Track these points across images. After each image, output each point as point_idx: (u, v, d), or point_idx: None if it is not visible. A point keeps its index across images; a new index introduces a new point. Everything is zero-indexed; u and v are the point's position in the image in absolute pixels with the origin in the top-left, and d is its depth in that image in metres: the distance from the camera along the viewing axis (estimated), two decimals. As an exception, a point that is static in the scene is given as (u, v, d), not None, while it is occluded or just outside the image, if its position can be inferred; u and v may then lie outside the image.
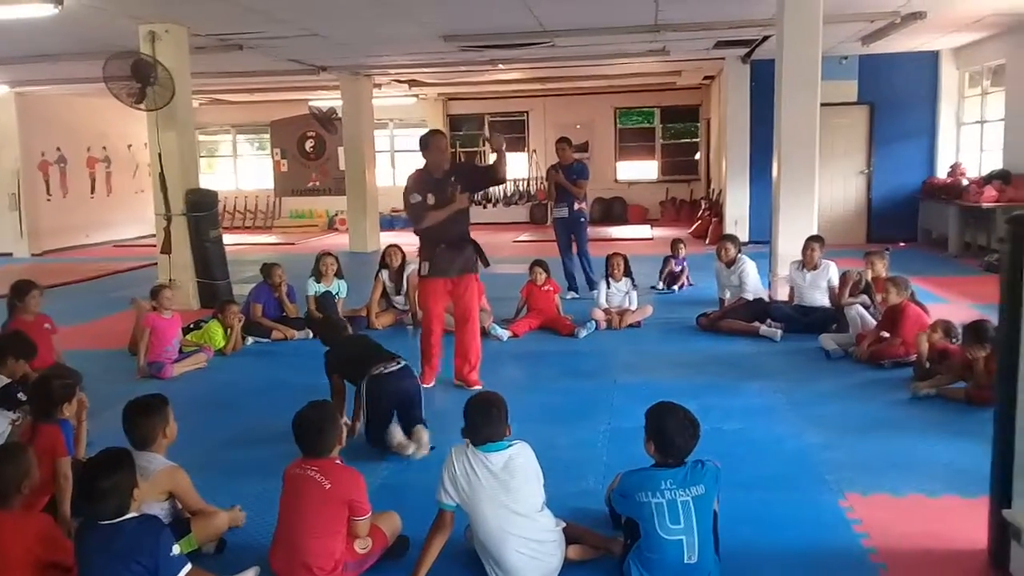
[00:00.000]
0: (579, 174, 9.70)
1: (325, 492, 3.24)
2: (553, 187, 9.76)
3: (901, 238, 13.22)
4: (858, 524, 3.78)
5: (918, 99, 13.61)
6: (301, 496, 3.27)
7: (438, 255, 5.88)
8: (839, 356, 6.65)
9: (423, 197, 5.80)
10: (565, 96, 19.28)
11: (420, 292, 6.15)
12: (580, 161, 10.16)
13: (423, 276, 5.98)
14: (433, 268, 5.90)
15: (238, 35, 10.15)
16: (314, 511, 3.23)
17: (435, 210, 5.81)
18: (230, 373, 6.94)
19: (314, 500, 3.24)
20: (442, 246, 5.89)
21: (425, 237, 5.93)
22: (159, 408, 3.62)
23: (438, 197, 5.82)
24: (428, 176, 5.90)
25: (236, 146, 21.62)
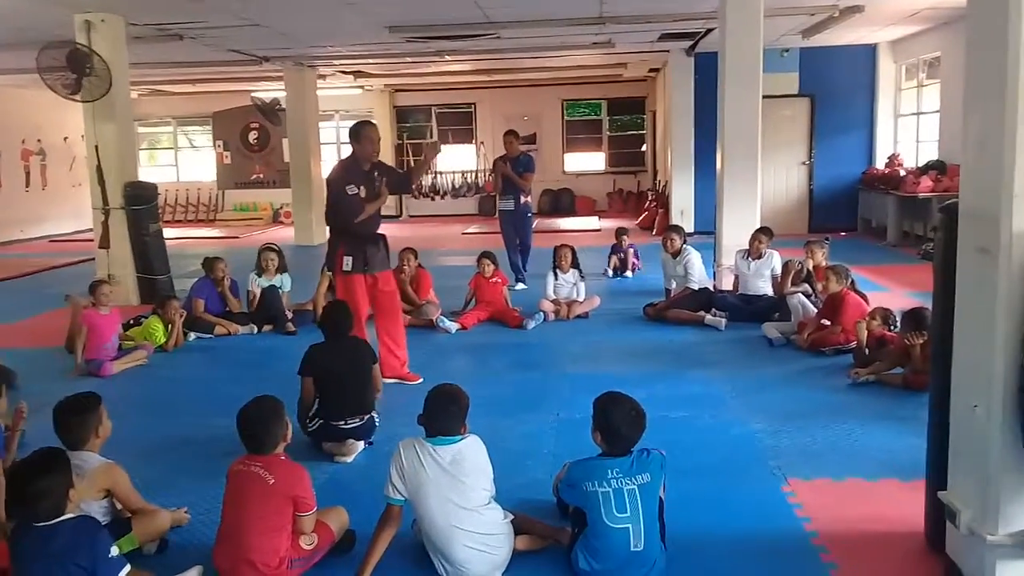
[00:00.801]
0: (526, 167, 9.70)
1: (269, 488, 3.20)
2: (500, 179, 9.75)
3: (841, 227, 13.51)
4: (800, 509, 3.86)
5: (857, 91, 13.90)
6: (245, 492, 3.22)
7: (362, 251, 5.73)
8: (781, 344, 6.78)
9: (350, 190, 5.67)
10: (512, 88, 19.27)
11: (345, 288, 5.78)
12: (527, 154, 10.15)
13: (346, 272, 5.74)
14: (357, 263, 5.73)
15: (176, 25, 9.93)
16: (258, 507, 3.19)
17: (368, 203, 5.72)
18: (172, 370, 6.80)
19: (258, 496, 3.19)
20: (366, 242, 5.77)
21: (348, 232, 5.73)
22: (91, 407, 3.52)
23: (368, 189, 5.72)
24: (357, 167, 5.78)
25: (177, 138, 21.17)
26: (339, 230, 5.79)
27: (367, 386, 4.84)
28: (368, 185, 5.74)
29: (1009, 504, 2.84)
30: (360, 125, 5.82)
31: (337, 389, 4.65)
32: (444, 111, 20.27)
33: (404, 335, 6.11)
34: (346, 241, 5.75)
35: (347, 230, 5.73)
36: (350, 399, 4.66)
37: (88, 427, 3.47)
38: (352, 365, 4.75)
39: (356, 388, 4.71)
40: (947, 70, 11.60)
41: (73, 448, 3.37)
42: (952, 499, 3.10)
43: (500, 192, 9.82)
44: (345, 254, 5.73)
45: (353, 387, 4.69)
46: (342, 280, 5.79)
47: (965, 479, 3.07)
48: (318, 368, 4.70)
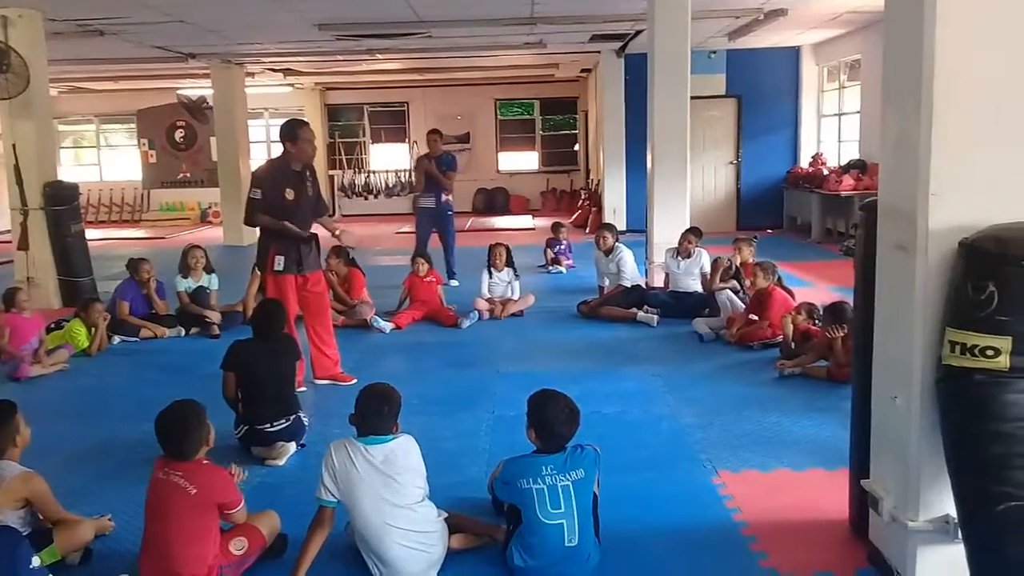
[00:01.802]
0: (448, 166, 9.70)
1: (192, 498, 3.10)
2: (422, 177, 9.75)
3: (768, 225, 13.83)
4: (730, 500, 3.95)
5: (782, 92, 14.25)
6: (167, 503, 3.12)
7: (294, 251, 5.62)
8: (711, 339, 6.91)
9: (281, 191, 5.56)
10: (445, 87, 19.22)
11: (276, 288, 5.63)
12: (450, 153, 10.17)
13: (278, 272, 5.61)
14: (289, 263, 5.62)
15: (98, 20, 9.63)
16: (182, 518, 3.10)
17: (295, 204, 5.58)
18: (95, 374, 6.60)
19: (180, 508, 3.10)
20: (298, 242, 5.65)
21: (279, 232, 5.60)
22: (6, 417, 3.40)
23: (297, 191, 5.61)
24: (287, 167, 5.65)
25: (100, 136, 20.55)
26: (269, 230, 5.66)
27: (290, 386, 4.77)
28: (298, 187, 5.63)
29: (928, 491, 2.95)
30: (297, 125, 5.68)
31: (259, 389, 4.58)
32: (376, 110, 20.10)
33: (333, 335, 6.03)
34: (277, 241, 5.64)
35: (277, 230, 5.60)
36: (272, 400, 4.58)
37: (4, 436, 3.34)
38: (275, 365, 4.67)
39: (278, 388, 4.63)
40: (867, 72, 11.97)
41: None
42: (875, 487, 3.21)
43: (422, 190, 9.79)
44: (277, 253, 5.62)
45: (275, 387, 4.62)
46: (273, 280, 5.68)
47: (887, 468, 3.17)
48: (241, 364, 4.62)
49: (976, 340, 2.64)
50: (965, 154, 2.79)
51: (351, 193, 19.75)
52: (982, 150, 2.80)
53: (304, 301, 5.81)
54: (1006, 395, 2.62)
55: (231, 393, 4.63)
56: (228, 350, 4.69)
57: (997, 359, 2.62)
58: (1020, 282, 2.60)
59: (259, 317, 4.92)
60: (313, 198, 5.80)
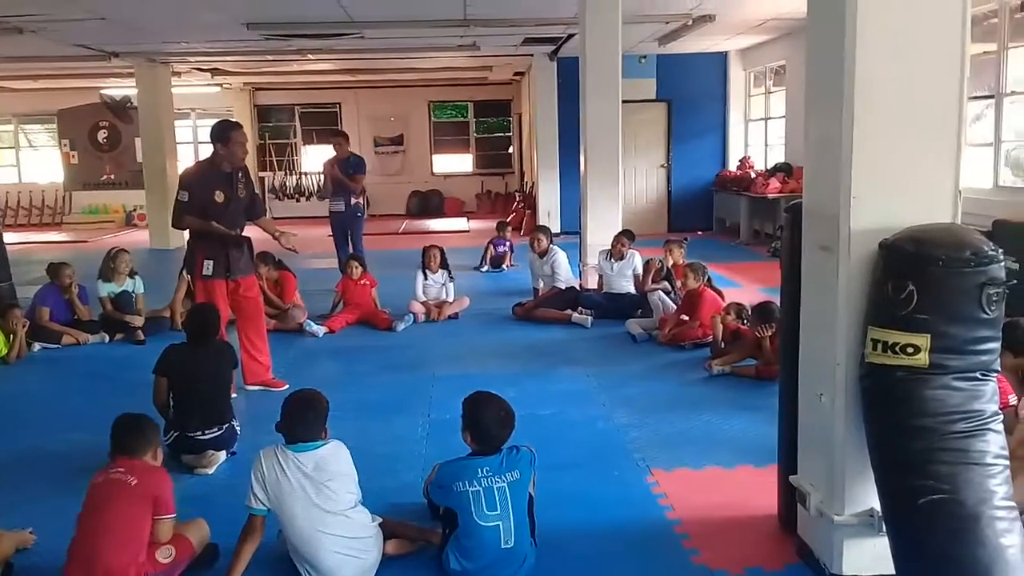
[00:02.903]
0: (356, 168, 9.67)
1: (131, 489, 3.09)
2: (329, 181, 9.72)
3: (698, 227, 14.06)
4: (663, 498, 4.00)
5: (710, 97, 14.53)
6: (105, 500, 3.09)
7: (223, 255, 5.48)
8: (644, 340, 7.00)
9: (211, 193, 5.42)
10: (379, 88, 19.06)
11: (205, 294, 5.49)
12: (356, 155, 10.15)
13: (207, 277, 5.47)
14: (218, 269, 5.47)
15: (16, 17, 9.29)
16: (118, 513, 3.06)
17: (225, 206, 5.47)
18: (14, 383, 6.37)
19: (118, 499, 3.08)
20: (228, 246, 5.53)
21: (208, 236, 5.47)
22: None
23: (227, 193, 5.48)
24: (216, 170, 5.52)
25: (19, 137, 19.82)
26: (198, 234, 5.54)
27: (225, 393, 4.68)
28: (227, 189, 5.50)
29: (853, 486, 3.04)
30: (228, 126, 5.55)
31: (192, 396, 4.47)
32: (308, 111, 19.82)
33: (267, 340, 5.92)
34: (206, 245, 5.51)
35: (206, 234, 5.48)
36: (206, 408, 4.47)
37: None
38: (210, 371, 4.56)
39: (212, 396, 4.52)
40: (791, 78, 12.28)
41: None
42: (802, 483, 3.29)
43: (331, 194, 9.73)
44: (206, 258, 5.48)
45: (209, 395, 4.51)
46: (202, 285, 5.54)
47: (813, 463, 3.26)
48: (175, 370, 4.49)
49: (897, 338, 2.73)
50: (885, 157, 2.89)
51: (282, 195, 19.45)
52: (901, 154, 2.90)
53: (236, 306, 5.69)
54: (926, 391, 2.71)
55: (162, 399, 4.50)
56: (162, 355, 4.56)
57: (917, 356, 2.71)
58: (938, 281, 2.69)
59: (195, 322, 4.77)
60: (246, 200, 5.68)
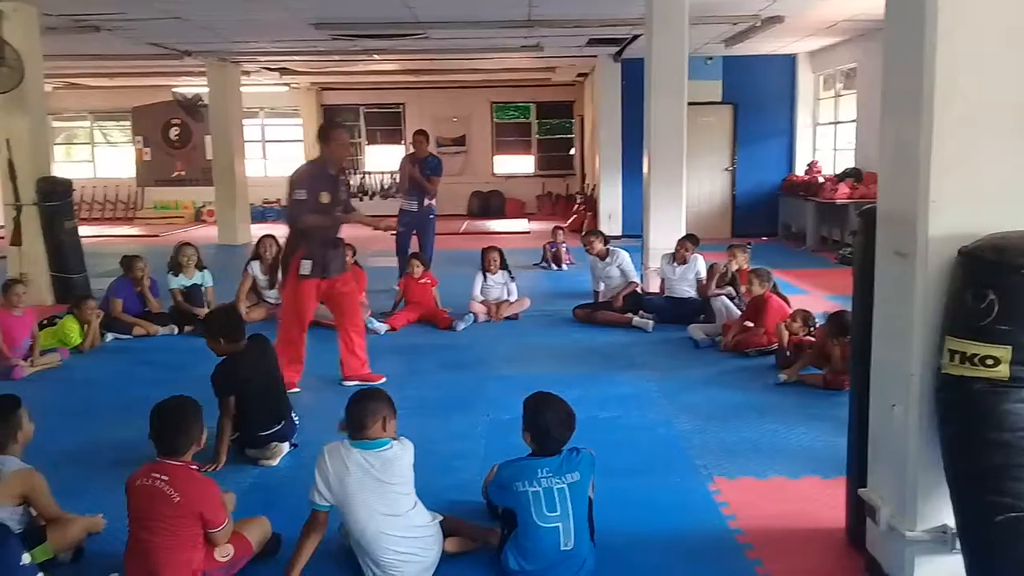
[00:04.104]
0: (433, 170, 9.35)
1: (175, 506, 3.05)
2: (406, 179, 9.52)
3: (763, 232, 13.82)
4: (726, 507, 3.93)
5: (777, 100, 14.29)
6: (149, 510, 3.07)
7: (322, 256, 5.57)
8: (707, 345, 6.90)
9: (317, 193, 5.50)
10: (441, 89, 19.21)
11: (296, 293, 5.61)
12: (435, 156, 9.83)
13: (303, 276, 5.55)
14: (315, 269, 5.55)
15: (93, 16, 9.60)
16: (165, 526, 3.05)
17: (329, 207, 5.55)
18: (87, 372, 6.56)
19: (163, 515, 3.05)
20: (327, 246, 5.61)
21: (309, 235, 5.55)
22: (9, 411, 3.37)
23: (332, 195, 5.56)
24: (324, 171, 5.60)
25: (94, 133, 20.46)
26: (301, 233, 5.58)
27: (279, 389, 4.71)
28: (333, 190, 5.57)
29: (926, 501, 2.94)
30: (331, 126, 5.65)
31: (253, 403, 4.46)
32: (372, 111, 20.08)
33: (364, 335, 6.00)
34: (307, 245, 5.56)
35: (308, 233, 5.54)
36: (264, 408, 4.51)
37: (5, 432, 3.31)
38: (267, 374, 4.59)
39: (268, 395, 4.56)
40: (863, 81, 12.00)
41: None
42: (872, 496, 3.19)
43: (405, 192, 9.57)
44: (304, 258, 5.54)
45: (265, 395, 4.53)
46: (293, 283, 5.60)
47: (884, 477, 3.16)
48: (237, 386, 4.44)
49: (976, 349, 2.63)
50: (965, 161, 2.79)
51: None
52: (982, 157, 2.79)
53: (333, 301, 5.81)
54: (1006, 405, 2.61)
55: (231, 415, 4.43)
56: (222, 375, 4.46)
57: (997, 368, 2.61)
58: (1020, 291, 2.59)
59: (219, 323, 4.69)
60: (345, 201, 5.78)
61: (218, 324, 4.68)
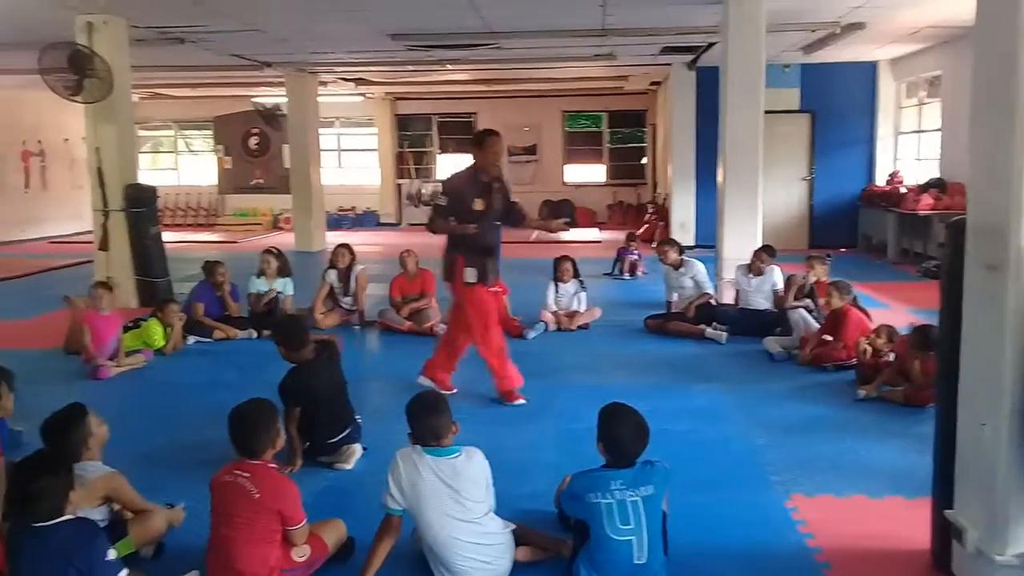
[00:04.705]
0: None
1: (255, 502, 3.13)
2: None
3: (841, 244, 13.49)
4: (803, 525, 3.83)
5: (857, 108, 13.93)
6: (231, 505, 3.16)
7: (481, 262, 5.59)
8: (783, 359, 6.76)
9: (470, 201, 5.50)
10: (513, 98, 19.29)
11: (469, 299, 5.63)
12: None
13: (469, 283, 5.58)
14: (480, 275, 5.59)
15: (178, 28, 9.92)
16: (245, 520, 3.13)
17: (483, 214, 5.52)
18: (170, 374, 6.77)
19: (244, 510, 3.13)
20: (484, 254, 5.62)
21: (463, 242, 5.57)
22: (74, 422, 3.41)
23: (486, 202, 5.54)
24: (474, 179, 5.58)
25: (178, 141, 21.14)
26: (456, 240, 5.63)
27: (343, 396, 4.72)
28: (487, 197, 5.56)
29: (1018, 524, 2.83)
30: (484, 133, 5.59)
31: (324, 411, 4.53)
32: (445, 120, 20.29)
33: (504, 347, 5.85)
34: (467, 253, 5.60)
35: (473, 242, 5.57)
36: (338, 416, 4.59)
37: (75, 442, 3.37)
38: (334, 381, 4.65)
39: (333, 403, 4.60)
40: (948, 88, 11.64)
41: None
42: (959, 518, 3.08)
43: None
44: (466, 265, 5.60)
45: (330, 403, 4.58)
46: (462, 290, 5.64)
47: (972, 498, 3.05)
48: (303, 396, 4.49)
49: (1075, 367, 2.52)
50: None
51: (417, 202, 19.94)
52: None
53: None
54: (1107, 426, 2.49)
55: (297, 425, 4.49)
56: (289, 386, 4.51)
57: (1097, 388, 2.49)
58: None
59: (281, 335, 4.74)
60: (501, 210, 5.68)
61: (280, 333, 4.79)
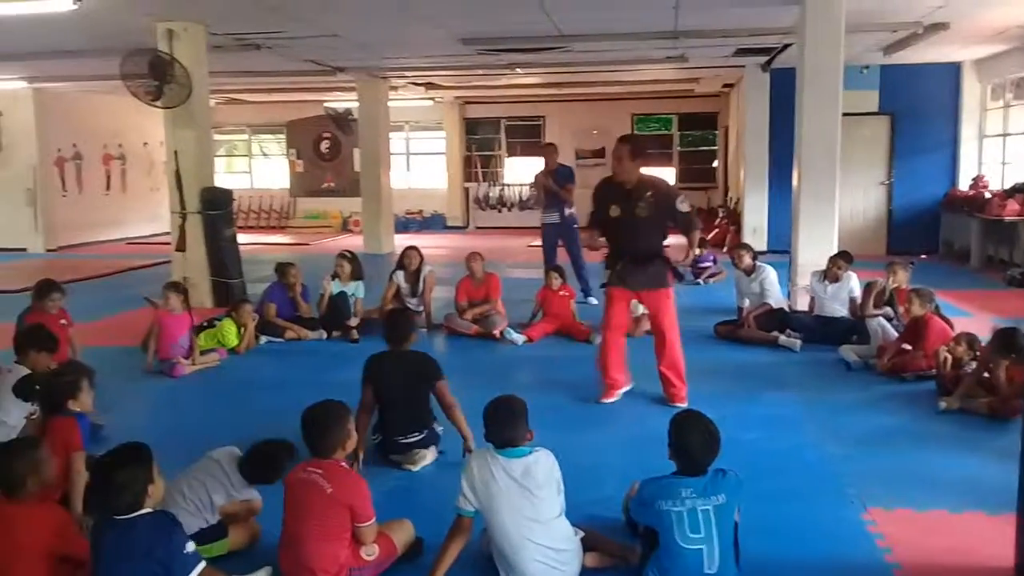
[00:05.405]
0: (566, 178, 9.47)
1: (327, 496, 3.18)
2: (542, 192, 9.63)
3: (922, 250, 13.04)
4: (881, 539, 3.71)
5: (939, 110, 13.48)
6: (304, 500, 3.22)
7: (617, 265, 5.69)
8: (860, 368, 6.55)
9: (607, 207, 5.60)
10: (582, 101, 19.23)
11: (606, 299, 5.91)
12: (566, 165, 9.98)
13: (602, 285, 5.92)
14: (612, 277, 5.73)
15: (256, 34, 10.14)
16: (317, 515, 3.19)
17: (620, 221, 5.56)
18: (243, 372, 6.91)
19: (316, 505, 3.19)
20: (622, 257, 5.65)
21: (612, 247, 5.72)
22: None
23: (623, 208, 5.56)
24: (614, 185, 5.63)
25: (252, 145, 21.64)
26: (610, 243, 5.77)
27: (423, 404, 4.68)
28: (624, 204, 5.56)
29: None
30: (618, 139, 5.66)
31: (391, 401, 4.60)
32: (513, 123, 20.32)
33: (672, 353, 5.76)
34: (610, 255, 5.77)
35: (611, 247, 5.72)
36: (404, 415, 4.61)
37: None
38: (408, 380, 4.65)
39: (410, 405, 4.62)
40: (1037, 90, 11.18)
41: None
42: (1049, 536, 2.93)
43: (545, 205, 9.68)
44: (607, 267, 5.78)
45: (407, 403, 4.61)
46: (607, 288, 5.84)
47: (1065, 516, 2.89)
48: (374, 378, 4.62)
49: None
50: None
51: (485, 206, 20.02)
52: None
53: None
54: None
55: (367, 406, 4.59)
56: (365, 364, 4.69)
57: None
58: None
59: (386, 326, 4.99)
60: (649, 218, 5.54)
61: (386, 325, 5.01)
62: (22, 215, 15.71)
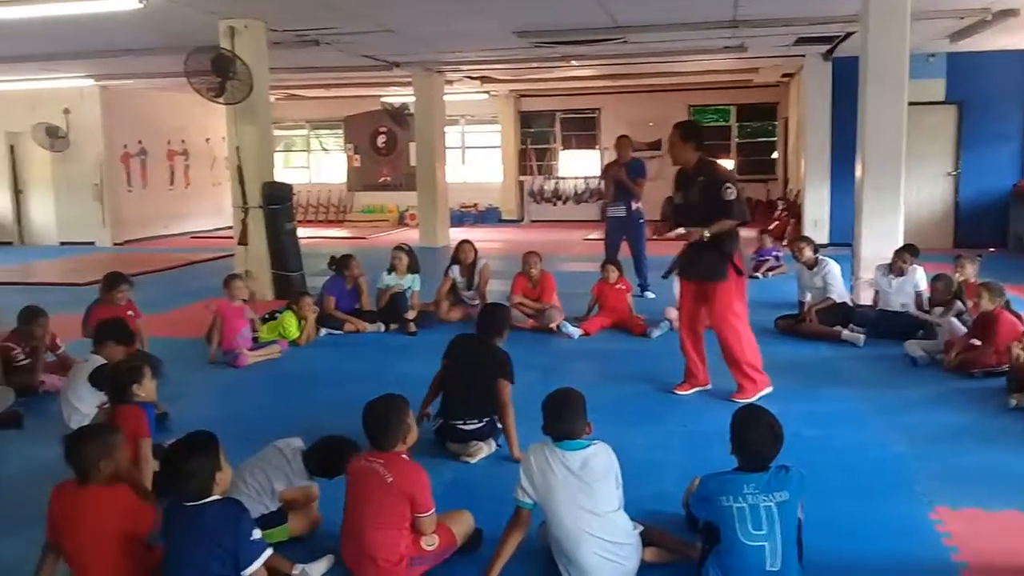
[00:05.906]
0: (638, 172, 9.28)
1: (387, 486, 3.23)
2: (611, 185, 9.47)
3: (990, 243, 12.66)
4: (948, 538, 3.63)
5: (1009, 99, 13.05)
6: (365, 489, 3.28)
7: (682, 253, 5.76)
8: (926, 363, 6.40)
9: (673, 195, 5.79)
10: (637, 93, 19.06)
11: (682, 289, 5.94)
12: (638, 159, 9.74)
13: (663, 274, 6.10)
14: (674, 264, 5.90)
15: (314, 31, 10.26)
16: (377, 504, 3.24)
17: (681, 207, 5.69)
18: (304, 364, 7.02)
19: (377, 494, 3.24)
20: (689, 247, 5.65)
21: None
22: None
23: (684, 194, 5.63)
24: (682, 172, 5.69)
25: (310, 141, 21.93)
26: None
27: (487, 393, 4.68)
28: (685, 189, 5.63)
29: None
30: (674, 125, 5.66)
31: (458, 384, 4.75)
32: (568, 116, 20.23)
33: (727, 346, 5.67)
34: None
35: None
36: (466, 398, 4.67)
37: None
38: (478, 367, 4.72)
39: (475, 390, 4.67)
40: (1114, 76, 10.75)
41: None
42: None
43: (611, 198, 9.54)
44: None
45: (471, 387, 4.67)
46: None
47: None
48: (450, 355, 4.89)
49: None
50: None
51: (540, 199, 19.98)
52: None
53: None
54: None
55: (437, 382, 4.88)
56: (452, 340, 4.98)
57: None
58: None
59: (482, 314, 5.18)
60: (701, 204, 5.48)
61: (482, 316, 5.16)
62: (90, 210, 16.17)
